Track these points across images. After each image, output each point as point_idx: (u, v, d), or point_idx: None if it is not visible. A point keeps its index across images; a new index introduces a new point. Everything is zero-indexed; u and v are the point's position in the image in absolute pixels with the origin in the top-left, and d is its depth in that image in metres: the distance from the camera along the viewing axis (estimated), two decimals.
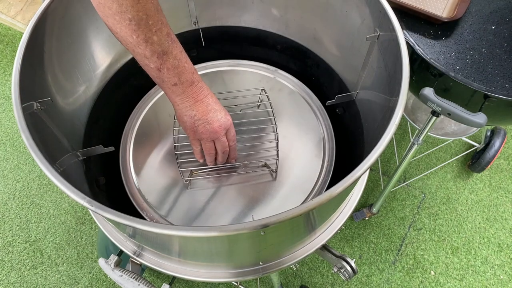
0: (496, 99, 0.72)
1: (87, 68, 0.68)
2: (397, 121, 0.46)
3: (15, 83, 0.48)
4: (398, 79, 0.50)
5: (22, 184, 1.26)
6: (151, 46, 0.45)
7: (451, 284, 1.11)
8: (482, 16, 0.84)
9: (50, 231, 1.18)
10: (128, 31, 0.44)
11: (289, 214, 0.39)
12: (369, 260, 1.14)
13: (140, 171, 0.67)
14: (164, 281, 1.10)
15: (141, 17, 0.42)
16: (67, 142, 0.59)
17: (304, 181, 0.66)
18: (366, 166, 0.42)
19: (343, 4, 0.65)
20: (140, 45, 0.45)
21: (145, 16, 0.43)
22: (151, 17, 0.43)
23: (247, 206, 0.64)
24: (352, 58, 0.70)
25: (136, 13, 0.42)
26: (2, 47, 1.55)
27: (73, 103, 0.65)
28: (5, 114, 1.40)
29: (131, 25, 0.43)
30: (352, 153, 0.72)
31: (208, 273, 0.58)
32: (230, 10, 0.80)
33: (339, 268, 0.63)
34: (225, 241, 0.49)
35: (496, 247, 1.16)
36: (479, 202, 1.23)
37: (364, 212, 1.18)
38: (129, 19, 0.42)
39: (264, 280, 1.12)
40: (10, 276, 1.12)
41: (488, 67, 0.77)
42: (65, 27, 0.60)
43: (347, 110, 0.78)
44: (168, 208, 0.64)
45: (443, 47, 0.80)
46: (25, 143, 0.44)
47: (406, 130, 1.37)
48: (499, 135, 1.19)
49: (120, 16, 0.42)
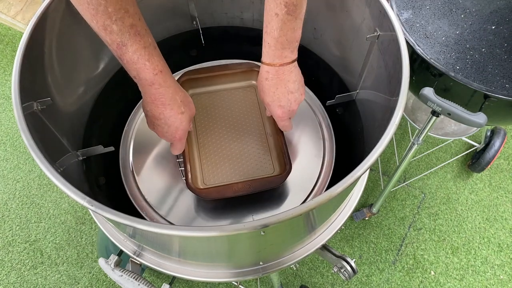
0: (496, 99, 0.72)
1: (87, 68, 0.68)
2: (397, 121, 0.46)
3: (15, 83, 0.48)
4: (398, 79, 0.50)
5: (22, 184, 1.26)
6: (110, 35, 0.43)
7: (451, 284, 1.11)
8: (482, 16, 0.84)
9: (50, 231, 1.18)
10: (87, 15, 0.42)
11: (289, 214, 0.39)
12: (369, 260, 1.14)
13: (140, 171, 0.67)
14: (164, 281, 1.10)
15: (100, 2, 0.41)
16: (67, 142, 0.59)
17: (304, 181, 0.66)
18: (366, 166, 0.42)
19: (343, 4, 0.65)
20: (100, 31, 0.44)
21: (104, 2, 0.41)
22: (112, 4, 0.41)
23: (247, 206, 0.64)
24: (352, 58, 0.70)
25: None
26: (2, 47, 1.55)
27: (73, 103, 0.65)
28: (5, 114, 1.40)
29: (89, 9, 0.41)
30: (352, 153, 0.72)
31: (208, 273, 0.58)
32: (230, 10, 0.80)
33: (339, 268, 0.63)
34: (225, 241, 0.49)
35: (496, 247, 1.16)
36: (479, 202, 1.23)
37: (364, 212, 1.18)
38: (87, 2, 0.41)
39: (264, 280, 1.12)
40: (10, 276, 1.12)
41: (488, 67, 0.77)
42: (65, 27, 0.60)
43: (347, 110, 0.78)
44: (168, 208, 0.64)
45: (443, 47, 0.80)
46: (25, 143, 0.44)
47: (406, 130, 1.37)
48: (499, 135, 1.19)
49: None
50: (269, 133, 0.68)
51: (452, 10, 0.86)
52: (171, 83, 0.51)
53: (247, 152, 0.66)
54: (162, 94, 0.51)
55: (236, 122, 0.70)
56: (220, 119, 0.70)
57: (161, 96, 0.51)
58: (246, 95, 0.73)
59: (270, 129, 0.69)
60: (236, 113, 0.71)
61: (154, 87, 0.50)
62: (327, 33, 0.73)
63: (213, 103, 0.72)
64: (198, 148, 0.67)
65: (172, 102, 0.52)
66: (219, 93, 0.73)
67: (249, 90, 0.74)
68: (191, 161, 0.64)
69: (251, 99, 0.73)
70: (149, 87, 0.50)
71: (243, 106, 0.72)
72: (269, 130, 0.69)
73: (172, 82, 0.52)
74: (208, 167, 0.65)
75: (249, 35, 0.85)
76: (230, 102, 0.72)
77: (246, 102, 0.72)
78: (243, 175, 0.64)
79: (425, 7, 0.86)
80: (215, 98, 0.73)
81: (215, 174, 0.64)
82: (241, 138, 0.68)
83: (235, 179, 0.63)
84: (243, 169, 0.64)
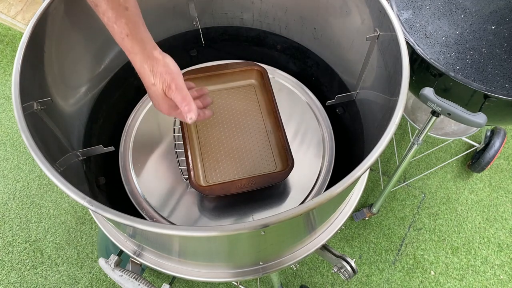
0: (496, 99, 0.72)
1: (87, 68, 0.68)
2: (397, 121, 0.46)
3: (15, 83, 0.48)
4: (398, 79, 0.50)
5: (22, 184, 1.26)
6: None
7: (451, 284, 1.11)
8: (482, 16, 0.84)
9: (50, 231, 1.18)
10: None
11: (289, 214, 0.39)
12: (369, 260, 1.14)
13: (140, 171, 0.67)
14: (164, 281, 1.10)
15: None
16: (67, 142, 0.59)
17: (304, 181, 0.66)
18: (366, 166, 0.42)
19: (343, 4, 0.65)
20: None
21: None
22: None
23: (247, 206, 0.64)
24: (352, 58, 0.70)
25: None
26: (2, 47, 1.55)
27: (73, 103, 0.65)
28: (5, 114, 1.40)
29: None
30: (352, 153, 0.72)
31: (208, 273, 0.58)
32: (230, 10, 0.80)
33: (339, 268, 0.63)
34: (225, 241, 0.49)
35: (496, 247, 1.16)
36: (479, 202, 1.23)
37: (364, 212, 1.18)
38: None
39: (264, 280, 1.12)
40: (10, 276, 1.12)
41: (488, 67, 0.77)
42: (65, 27, 0.60)
43: (347, 110, 0.78)
44: (168, 207, 0.64)
45: (443, 47, 0.80)
46: (25, 143, 0.44)
47: (406, 130, 1.37)
48: (499, 135, 1.19)
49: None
50: (270, 131, 0.69)
51: (452, 10, 0.86)
52: (139, 49, 0.47)
53: (249, 150, 0.66)
54: (132, 61, 0.48)
55: (236, 121, 0.70)
56: (220, 118, 0.70)
57: (132, 63, 0.48)
58: (246, 94, 0.73)
59: (271, 127, 0.69)
60: (237, 111, 0.71)
61: (126, 53, 0.48)
62: (327, 33, 0.73)
63: (213, 102, 0.72)
64: (200, 146, 0.67)
65: (142, 71, 0.49)
66: (219, 92, 0.73)
67: (248, 89, 0.74)
68: (193, 159, 0.64)
69: (251, 97, 0.73)
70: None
71: (243, 105, 0.72)
72: (270, 128, 0.69)
73: (140, 48, 0.47)
74: (210, 165, 0.65)
75: (249, 35, 0.85)
76: (230, 101, 0.72)
77: (246, 101, 0.72)
78: (246, 172, 0.64)
79: (425, 7, 0.86)
80: (215, 98, 0.73)
81: (218, 171, 0.64)
82: (242, 136, 0.68)
83: (238, 176, 0.63)
84: (245, 166, 0.65)
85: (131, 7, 0.45)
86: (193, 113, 0.50)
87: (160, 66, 0.48)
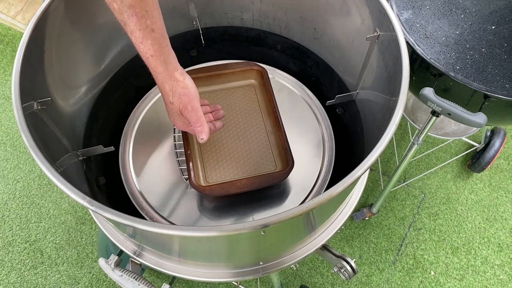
0: (496, 99, 0.72)
1: (87, 68, 0.68)
2: (397, 121, 0.46)
3: (15, 83, 0.48)
4: (398, 79, 0.50)
5: (22, 184, 1.26)
6: (114, 12, 0.46)
7: (451, 284, 1.11)
8: (482, 16, 0.84)
9: (50, 231, 1.18)
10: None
11: (289, 214, 0.39)
12: (369, 260, 1.14)
13: (140, 171, 0.67)
14: (164, 281, 1.10)
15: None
16: (67, 142, 0.59)
17: (304, 181, 0.66)
18: (366, 166, 0.42)
19: (343, 4, 0.65)
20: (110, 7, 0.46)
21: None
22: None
23: (247, 206, 0.64)
24: (352, 58, 0.70)
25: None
26: (2, 47, 1.55)
27: (73, 103, 0.65)
28: (5, 114, 1.40)
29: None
30: (352, 153, 0.72)
31: (208, 273, 0.58)
32: (230, 10, 0.80)
33: (339, 268, 0.63)
34: (225, 241, 0.49)
35: (496, 247, 1.16)
36: (479, 202, 1.23)
37: (364, 212, 1.18)
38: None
39: (264, 280, 1.12)
40: (10, 276, 1.12)
41: (488, 67, 0.77)
42: (65, 27, 0.60)
43: (347, 110, 0.78)
44: (168, 207, 0.64)
45: (443, 47, 0.80)
46: (25, 143, 0.44)
47: (406, 130, 1.37)
48: (499, 135, 1.19)
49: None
50: (270, 131, 0.68)
51: (452, 10, 0.86)
52: (162, 70, 0.50)
53: (249, 150, 0.66)
54: (155, 79, 0.52)
55: (236, 121, 0.70)
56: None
57: (155, 80, 0.52)
58: (246, 94, 0.73)
59: (271, 127, 0.69)
60: (237, 111, 0.71)
61: (150, 70, 0.51)
62: (327, 33, 0.73)
63: (213, 102, 0.72)
64: (200, 146, 0.67)
65: (162, 89, 0.52)
66: (219, 92, 0.73)
67: (248, 89, 0.74)
68: (193, 159, 0.64)
69: (251, 97, 0.73)
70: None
71: (243, 105, 0.72)
72: (270, 128, 0.69)
73: (163, 69, 0.50)
74: (210, 165, 0.65)
75: (249, 35, 0.85)
76: (230, 101, 0.72)
77: (246, 101, 0.72)
78: (246, 172, 0.64)
79: (425, 7, 0.86)
80: (215, 98, 0.73)
81: (218, 171, 0.64)
82: (242, 136, 0.68)
83: (238, 176, 0.63)
84: (245, 166, 0.65)
85: (157, 29, 0.48)
86: (205, 135, 0.54)
87: (180, 87, 0.52)
